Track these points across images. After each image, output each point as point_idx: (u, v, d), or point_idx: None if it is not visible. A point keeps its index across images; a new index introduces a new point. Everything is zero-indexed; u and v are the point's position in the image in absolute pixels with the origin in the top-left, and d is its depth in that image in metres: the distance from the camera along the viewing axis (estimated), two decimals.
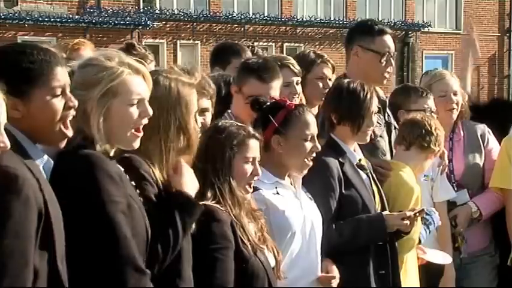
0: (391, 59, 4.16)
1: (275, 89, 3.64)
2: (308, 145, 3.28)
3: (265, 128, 3.27)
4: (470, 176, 4.44)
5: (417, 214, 3.57)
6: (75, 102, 2.34)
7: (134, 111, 2.48)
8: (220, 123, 3.02)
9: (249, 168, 2.96)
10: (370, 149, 3.87)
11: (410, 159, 3.91)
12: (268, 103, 3.36)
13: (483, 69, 28.74)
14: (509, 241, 4.33)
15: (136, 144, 2.50)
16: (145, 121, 2.50)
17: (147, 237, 2.45)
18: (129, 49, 4.15)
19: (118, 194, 2.35)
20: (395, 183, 3.80)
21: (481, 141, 4.53)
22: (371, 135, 3.73)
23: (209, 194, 2.85)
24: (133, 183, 2.50)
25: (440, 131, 3.96)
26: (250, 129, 3.04)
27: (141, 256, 2.39)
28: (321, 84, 4.42)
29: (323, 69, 4.48)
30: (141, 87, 2.50)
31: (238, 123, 3.06)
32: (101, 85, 2.43)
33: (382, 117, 4.09)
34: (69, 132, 2.35)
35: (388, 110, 4.22)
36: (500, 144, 4.48)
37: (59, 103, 2.30)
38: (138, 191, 2.50)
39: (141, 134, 2.50)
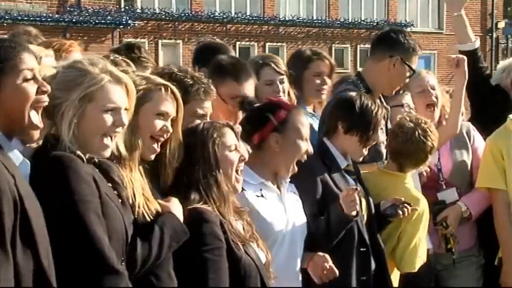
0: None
1: (250, 88, 3.66)
2: (304, 145, 3.32)
3: (260, 126, 3.29)
4: (458, 174, 4.44)
5: (409, 206, 3.62)
6: (48, 87, 2.34)
7: (107, 118, 2.49)
8: (192, 125, 3.02)
9: (234, 156, 2.97)
10: (373, 154, 3.88)
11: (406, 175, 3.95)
12: (256, 103, 3.43)
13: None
14: (494, 240, 4.34)
15: (107, 153, 2.52)
16: (119, 130, 2.52)
17: (126, 237, 2.47)
18: (132, 50, 4.08)
19: (89, 193, 2.37)
20: (406, 197, 3.77)
21: (467, 138, 4.53)
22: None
23: (195, 196, 2.84)
24: (110, 185, 2.52)
25: (434, 137, 3.93)
26: (221, 120, 3.09)
27: (118, 255, 2.40)
28: (318, 81, 4.50)
29: (320, 66, 4.55)
30: (119, 96, 2.53)
31: (207, 120, 3.07)
32: (80, 89, 2.46)
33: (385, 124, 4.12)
34: (40, 123, 2.34)
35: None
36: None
37: (31, 87, 2.30)
38: (115, 192, 2.53)
39: (112, 144, 2.52)
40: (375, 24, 26.60)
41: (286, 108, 3.35)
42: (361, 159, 3.71)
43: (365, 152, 3.67)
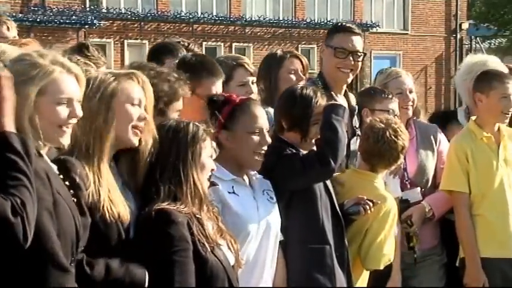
0: (350, 56, 4.20)
1: (220, 85, 3.66)
2: (255, 138, 3.26)
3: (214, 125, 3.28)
4: (422, 175, 4.47)
5: (374, 203, 3.64)
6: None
7: (62, 110, 2.47)
8: (172, 121, 2.99)
9: (211, 163, 2.96)
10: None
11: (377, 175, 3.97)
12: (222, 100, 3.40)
13: (430, 70, 29.12)
14: (456, 240, 4.39)
15: (65, 141, 2.50)
16: (73, 121, 2.50)
17: (77, 238, 2.45)
18: (81, 49, 4.05)
19: (43, 191, 2.34)
20: (373, 196, 3.79)
21: (433, 140, 4.56)
22: None
23: (163, 195, 2.81)
24: (67, 183, 2.51)
25: (405, 137, 3.95)
26: (203, 125, 3.05)
27: (67, 256, 2.39)
28: (293, 78, 4.52)
29: (294, 63, 4.58)
30: (71, 87, 2.50)
31: (187, 121, 3.03)
32: (31, 82, 2.42)
33: (351, 122, 4.16)
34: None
35: (356, 116, 4.28)
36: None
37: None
38: (72, 191, 2.52)
39: (68, 131, 2.50)
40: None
41: (232, 104, 3.30)
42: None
43: (312, 144, 3.61)
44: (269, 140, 3.30)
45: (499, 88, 4.34)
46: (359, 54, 4.24)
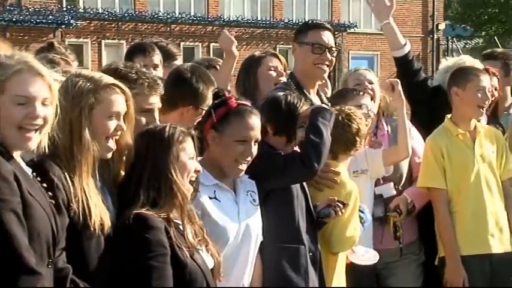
0: (327, 52, 4.23)
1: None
2: (240, 148, 3.21)
3: (205, 121, 3.27)
4: (395, 170, 4.45)
5: (343, 205, 3.65)
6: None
7: (19, 110, 2.40)
8: (151, 126, 2.98)
9: (192, 164, 2.92)
10: None
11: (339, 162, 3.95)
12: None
13: None
14: (435, 239, 4.41)
15: (30, 146, 2.43)
16: (37, 122, 2.43)
17: (53, 239, 2.42)
18: (49, 48, 4.01)
19: (8, 192, 2.31)
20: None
21: None
22: None
23: (142, 199, 2.78)
24: (45, 185, 2.48)
25: (360, 121, 3.95)
26: (183, 127, 3.02)
27: (42, 257, 2.36)
28: (274, 74, 4.59)
29: (273, 60, 4.67)
30: (33, 88, 2.42)
31: (170, 124, 3.00)
32: None
33: None
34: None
35: None
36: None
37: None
38: (50, 193, 2.49)
39: (32, 135, 2.43)
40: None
41: (229, 106, 3.25)
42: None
43: (294, 148, 3.62)
44: (255, 152, 3.25)
45: (474, 81, 4.38)
46: (333, 49, 4.27)
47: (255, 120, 3.28)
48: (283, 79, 4.52)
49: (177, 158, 2.85)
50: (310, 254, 3.53)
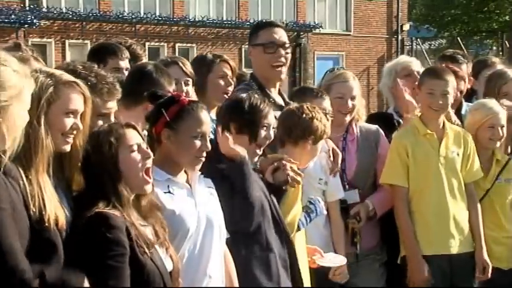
0: (280, 49, 4.20)
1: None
2: (197, 143, 3.25)
3: (156, 121, 3.26)
4: (361, 176, 4.50)
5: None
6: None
7: None
8: (94, 130, 2.99)
9: (136, 155, 2.93)
10: (270, 152, 3.88)
11: (301, 153, 3.95)
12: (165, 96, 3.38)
13: (373, 70, 29.46)
14: (396, 239, 4.45)
15: None
16: None
17: (28, 240, 2.45)
18: (15, 49, 3.98)
19: (4, 199, 2.33)
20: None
21: (374, 142, 4.59)
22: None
23: (101, 200, 2.80)
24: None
25: (317, 115, 3.96)
26: (121, 121, 3.07)
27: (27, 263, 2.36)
28: (222, 82, 4.49)
29: (223, 68, 4.55)
30: None
31: (107, 123, 3.02)
32: None
33: None
34: None
35: None
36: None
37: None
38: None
39: None
40: (284, 25, 26.80)
41: (181, 104, 3.28)
42: (256, 159, 3.69)
43: (259, 152, 3.65)
44: (209, 146, 3.29)
45: (427, 83, 4.43)
46: (287, 46, 4.25)
47: (206, 114, 3.34)
48: (231, 89, 4.51)
49: (111, 157, 2.87)
50: (281, 259, 3.56)
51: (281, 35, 4.27)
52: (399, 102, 4.83)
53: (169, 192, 3.21)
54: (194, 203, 3.25)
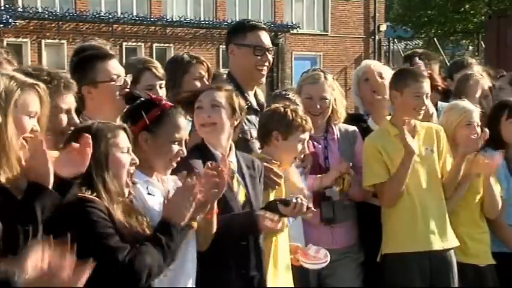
0: (267, 53, 4.27)
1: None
2: (175, 148, 3.26)
3: (135, 123, 3.25)
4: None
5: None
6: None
7: None
8: (85, 123, 3.01)
9: (126, 158, 2.96)
10: (244, 150, 3.89)
11: (280, 152, 3.95)
12: (142, 98, 3.37)
13: (350, 71, 29.51)
14: (374, 239, 4.47)
15: None
16: None
17: None
18: None
19: None
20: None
21: (353, 142, 4.63)
22: (249, 135, 3.99)
23: (86, 189, 2.82)
24: None
25: (291, 110, 3.98)
26: (116, 123, 3.10)
27: None
28: (198, 84, 4.47)
29: (199, 69, 4.56)
30: None
31: (92, 121, 3.05)
32: None
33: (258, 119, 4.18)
34: None
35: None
36: None
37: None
38: None
39: None
40: None
41: (161, 108, 3.28)
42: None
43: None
44: (185, 152, 3.31)
45: (412, 86, 4.44)
46: (271, 50, 4.31)
47: (184, 120, 3.36)
48: None
49: (106, 155, 2.88)
50: (242, 272, 3.55)
51: (268, 39, 4.32)
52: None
53: (148, 193, 3.21)
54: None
